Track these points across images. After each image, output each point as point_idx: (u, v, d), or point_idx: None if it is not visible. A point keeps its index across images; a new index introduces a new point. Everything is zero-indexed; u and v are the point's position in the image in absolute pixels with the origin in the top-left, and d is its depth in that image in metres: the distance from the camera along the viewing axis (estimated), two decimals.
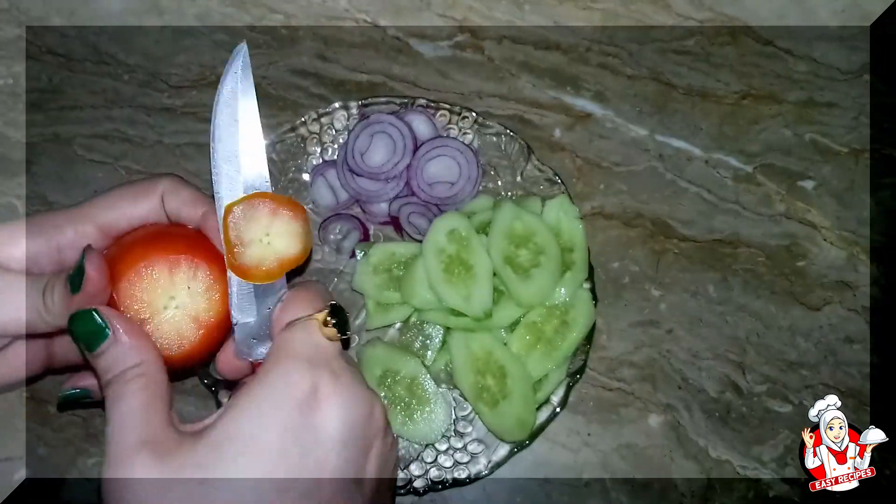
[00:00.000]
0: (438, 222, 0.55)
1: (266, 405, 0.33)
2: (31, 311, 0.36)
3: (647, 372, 0.59)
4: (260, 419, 0.33)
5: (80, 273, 0.35)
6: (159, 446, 0.32)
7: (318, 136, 0.61)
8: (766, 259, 0.63)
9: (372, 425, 0.36)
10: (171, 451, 0.32)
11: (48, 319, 0.36)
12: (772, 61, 0.69)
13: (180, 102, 0.65)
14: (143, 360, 0.35)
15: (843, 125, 0.67)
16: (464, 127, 0.61)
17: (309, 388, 0.34)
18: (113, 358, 0.34)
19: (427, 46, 0.68)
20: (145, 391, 0.34)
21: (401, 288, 0.56)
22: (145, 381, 0.34)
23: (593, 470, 0.57)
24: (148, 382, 0.34)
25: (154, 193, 0.41)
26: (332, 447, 0.34)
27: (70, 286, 0.35)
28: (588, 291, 0.56)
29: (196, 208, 0.41)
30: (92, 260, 0.35)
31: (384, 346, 0.56)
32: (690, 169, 0.65)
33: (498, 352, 0.54)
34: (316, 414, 0.34)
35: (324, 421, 0.34)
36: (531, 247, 0.55)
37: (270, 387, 0.34)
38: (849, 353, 0.60)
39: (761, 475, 0.57)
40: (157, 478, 0.31)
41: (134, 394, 0.34)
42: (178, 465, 0.32)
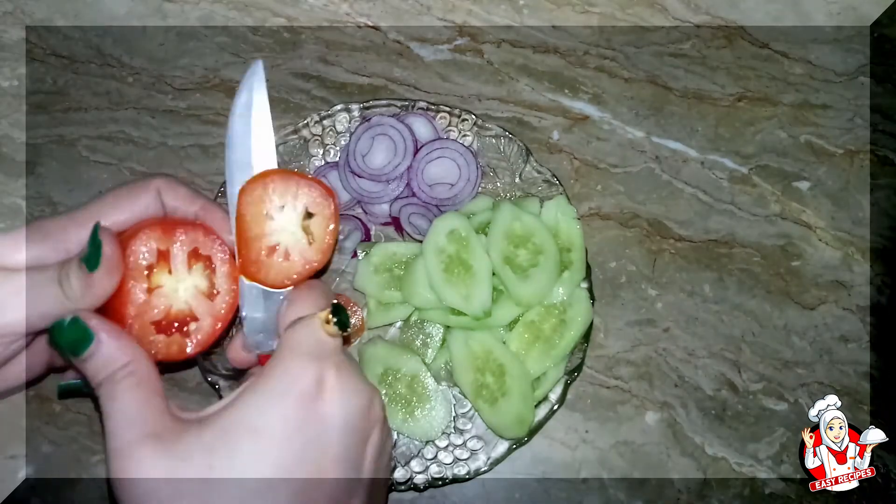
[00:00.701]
0: (438, 223, 0.56)
1: (272, 395, 0.34)
2: (52, 301, 0.36)
3: (644, 370, 0.60)
4: (266, 408, 0.34)
5: (97, 249, 0.36)
6: (162, 436, 0.33)
7: (321, 139, 0.62)
8: (762, 259, 0.64)
9: (371, 416, 0.38)
10: (176, 438, 0.33)
11: (70, 307, 0.36)
12: (767, 63, 0.70)
13: (184, 105, 0.66)
14: (130, 358, 0.35)
15: (838, 127, 0.68)
16: (463, 129, 0.62)
17: (313, 380, 0.35)
18: (101, 361, 0.35)
19: (427, 50, 0.69)
20: (138, 388, 0.35)
21: (401, 287, 0.57)
22: (136, 379, 0.35)
23: (591, 467, 0.57)
24: (139, 380, 0.35)
25: (151, 189, 0.42)
26: (335, 435, 0.35)
27: (87, 265, 0.36)
28: (585, 291, 0.57)
29: (193, 203, 0.42)
30: (106, 234, 0.36)
31: (385, 344, 0.57)
32: (686, 170, 0.66)
33: (497, 350, 0.55)
34: (319, 404, 0.35)
35: (327, 411, 0.35)
36: (530, 247, 0.56)
37: (276, 379, 0.35)
38: (844, 352, 0.61)
39: (757, 473, 0.58)
40: (165, 467, 0.32)
41: (127, 392, 0.34)
42: (184, 450, 0.32)
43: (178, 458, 0.32)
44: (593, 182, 0.65)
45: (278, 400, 0.34)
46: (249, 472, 0.32)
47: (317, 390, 0.35)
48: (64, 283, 0.36)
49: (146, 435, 0.33)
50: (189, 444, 0.33)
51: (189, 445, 0.33)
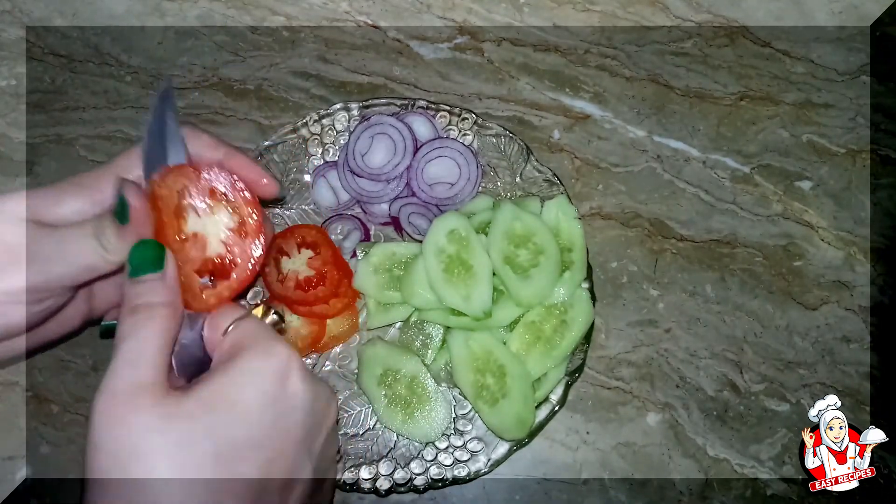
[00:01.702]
0: (438, 222, 0.56)
1: (248, 372, 0.36)
2: (92, 254, 0.38)
3: (646, 371, 0.60)
4: (243, 383, 0.36)
5: (123, 203, 0.38)
6: (158, 391, 0.34)
7: (320, 137, 0.62)
8: (764, 259, 0.63)
9: (330, 409, 0.40)
10: (166, 398, 0.34)
11: (110, 258, 0.38)
12: (769, 63, 0.69)
13: (182, 104, 0.66)
14: (173, 301, 0.38)
15: (840, 126, 0.68)
16: (464, 128, 0.62)
17: (284, 359, 0.37)
18: (151, 288, 0.37)
19: (427, 48, 0.68)
20: (165, 333, 0.36)
21: (401, 288, 0.57)
22: (165, 325, 0.36)
23: (592, 468, 0.57)
24: (169, 326, 0.37)
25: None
26: (299, 415, 0.37)
27: (118, 219, 0.38)
28: (587, 291, 0.57)
29: (217, 150, 0.44)
30: (129, 189, 0.38)
31: (385, 344, 0.57)
32: (688, 169, 0.66)
33: (497, 351, 0.54)
34: (288, 383, 0.37)
35: (296, 391, 0.37)
36: (531, 247, 0.56)
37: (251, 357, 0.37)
38: (846, 353, 0.61)
39: (759, 474, 0.58)
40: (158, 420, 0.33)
41: (151, 332, 0.36)
42: (170, 412, 0.33)
43: (165, 415, 0.33)
44: (594, 181, 0.65)
45: (254, 375, 0.36)
46: (223, 441, 0.34)
47: (286, 370, 0.37)
48: (101, 237, 0.38)
49: (150, 383, 0.34)
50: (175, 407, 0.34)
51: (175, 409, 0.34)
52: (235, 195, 0.42)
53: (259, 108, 0.66)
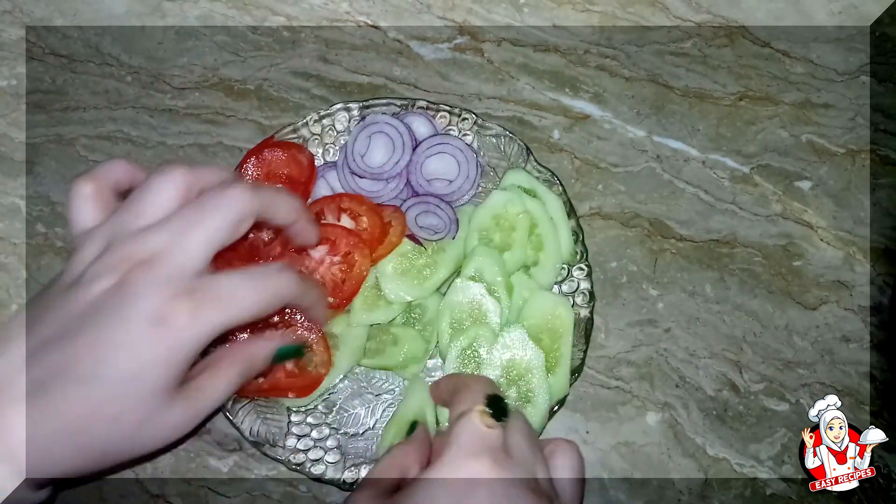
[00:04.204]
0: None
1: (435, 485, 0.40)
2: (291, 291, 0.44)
3: (645, 370, 0.60)
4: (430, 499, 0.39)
5: None
6: None
7: (320, 138, 0.62)
8: (763, 259, 0.63)
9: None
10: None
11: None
12: (769, 63, 0.69)
13: (183, 104, 0.66)
14: None
15: (839, 126, 0.68)
16: (463, 128, 0.62)
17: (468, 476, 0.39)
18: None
19: (427, 48, 0.69)
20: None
21: None
22: None
23: (591, 468, 0.57)
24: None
25: None
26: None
27: None
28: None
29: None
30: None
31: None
32: (688, 170, 0.66)
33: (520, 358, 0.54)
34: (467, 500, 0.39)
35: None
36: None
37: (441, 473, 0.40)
38: (846, 353, 0.61)
39: (758, 473, 0.58)
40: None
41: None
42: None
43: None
44: (594, 181, 0.65)
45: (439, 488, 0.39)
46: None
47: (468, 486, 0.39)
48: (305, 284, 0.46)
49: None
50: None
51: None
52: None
53: (259, 108, 0.66)
